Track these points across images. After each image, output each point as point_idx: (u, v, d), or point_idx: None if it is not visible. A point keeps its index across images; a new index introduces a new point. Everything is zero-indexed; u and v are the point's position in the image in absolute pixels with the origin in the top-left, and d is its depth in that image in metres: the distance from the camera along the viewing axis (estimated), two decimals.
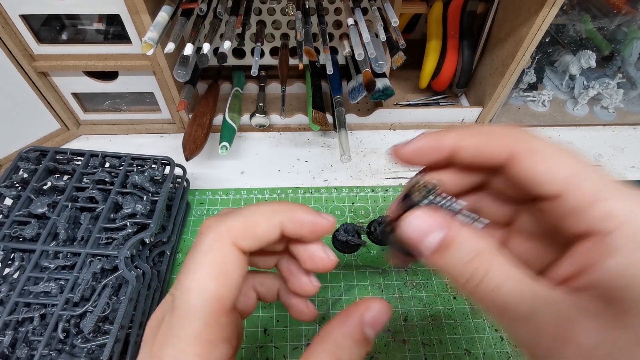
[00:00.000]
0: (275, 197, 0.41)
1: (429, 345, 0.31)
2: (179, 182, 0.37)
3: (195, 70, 0.42)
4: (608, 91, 0.49)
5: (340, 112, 0.43)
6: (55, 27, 0.38)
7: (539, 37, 0.38)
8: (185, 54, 0.33)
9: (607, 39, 0.48)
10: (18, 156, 0.33)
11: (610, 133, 0.50)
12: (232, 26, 0.35)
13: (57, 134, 0.45)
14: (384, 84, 0.41)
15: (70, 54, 0.38)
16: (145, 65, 0.39)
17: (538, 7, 0.36)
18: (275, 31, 0.45)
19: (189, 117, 0.45)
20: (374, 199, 0.41)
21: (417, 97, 0.52)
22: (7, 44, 0.36)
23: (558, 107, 0.51)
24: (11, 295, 0.26)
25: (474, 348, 0.31)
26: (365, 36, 0.35)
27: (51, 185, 0.32)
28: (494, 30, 0.45)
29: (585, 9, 0.47)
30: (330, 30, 0.45)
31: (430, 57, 0.47)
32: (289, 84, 0.50)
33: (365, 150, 0.47)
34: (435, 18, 0.46)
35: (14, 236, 0.29)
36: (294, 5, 0.37)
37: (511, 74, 0.42)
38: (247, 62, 0.47)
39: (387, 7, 0.36)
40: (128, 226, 0.30)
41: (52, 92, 0.41)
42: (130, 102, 0.45)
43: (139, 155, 0.35)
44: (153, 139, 0.47)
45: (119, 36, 0.38)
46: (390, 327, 0.32)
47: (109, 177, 0.33)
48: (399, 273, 0.35)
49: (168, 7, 0.33)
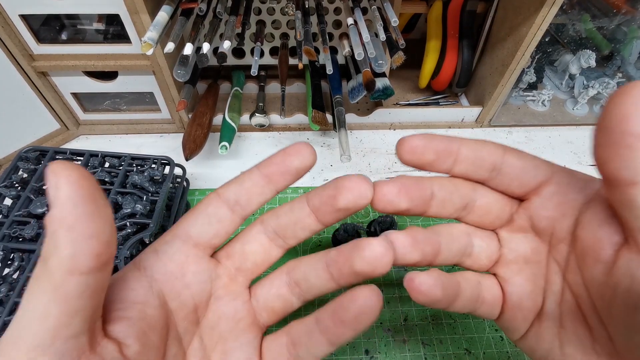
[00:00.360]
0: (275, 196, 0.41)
1: (429, 345, 0.31)
2: (179, 182, 0.37)
3: (195, 70, 0.42)
4: (608, 91, 0.49)
5: (340, 112, 0.43)
6: (55, 27, 0.38)
7: (538, 36, 0.38)
8: (184, 53, 0.33)
9: (607, 39, 0.48)
10: (17, 156, 0.33)
11: None
12: (231, 26, 0.34)
13: (57, 133, 0.45)
14: (383, 83, 0.41)
15: (69, 54, 0.38)
16: (144, 65, 0.39)
17: (538, 6, 0.36)
18: (275, 31, 0.45)
19: (188, 117, 0.45)
20: None
21: (417, 96, 0.52)
22: (7, 44, 0.36)
23: (558, 107, 0.51)
24: (11, 295, 0.26)
25: (474, 348, 0.31)
26: (365, 36, 0.35)
27: None
28: (493, 29, 0.45)
29: (585, 8, 0.47)
30: (330, 29, 0.45)
31: (430, 57, 0.47)
32: (289, 84, 0.50)
33: (365, 150, 0.47)
34: (434, 17, 0.46)
35: (14, 236, 0.29)
36: (294, 5, 0.37)
37: (511, 73, 0.42)
38: (247, 61, 0.47)
39: (387, 7, 0.36)
40: (128, 226, 0.30)
41: (51, 92, 0.41)
42: (130, 102, 0.45)
43: (138, 155, 0.35)
44: (153, 139, 0.47)
45: (119, 36, 0.38)
46: (390, 327, 0.32)
47: (108, 177, 0.33)
48: (399, 273, 0.35)
49: (168, 6, 0.33)
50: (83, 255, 0.12)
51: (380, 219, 0.36)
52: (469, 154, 0.18)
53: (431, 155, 0.18)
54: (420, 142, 0.18)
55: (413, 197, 0.18)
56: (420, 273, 0.17)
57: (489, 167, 0.18)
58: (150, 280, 0.17)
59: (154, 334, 0.16)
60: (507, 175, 0.18)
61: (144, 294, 0.16)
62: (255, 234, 0.20)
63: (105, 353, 0.14)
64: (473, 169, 0.18)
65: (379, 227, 0.36)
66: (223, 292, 0.19)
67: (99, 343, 0.14)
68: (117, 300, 0.16)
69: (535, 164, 0.18)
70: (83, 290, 0.12)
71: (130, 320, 0.15)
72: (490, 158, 0.18)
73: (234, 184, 0.19)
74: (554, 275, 0.18)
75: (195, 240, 0.18)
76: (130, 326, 0.15)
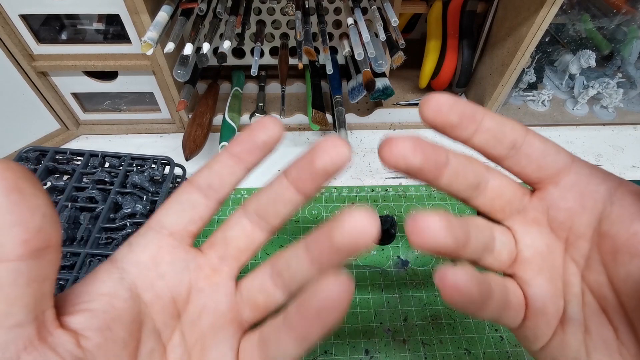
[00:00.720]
0: None
1: (429, 345, 0.31)
2: (179, 182, 0.37)
3: (195, 70, 0.42)
4: (608, 91, 0.49)
5: (340, 112, 0.43)
6: (55, 27, 0.38)
7: (538, 36, 0.38)
8: (184, 53, 0.33)
9: (607, 39, 0.48)
10: (17, 156, 0.33)
11: (610, 132, 0.50)
12: (231, 26, 0.34)
13: (57, 134, 0.45)
14: (383, 83, 0.41)
15: (69, 54, 0.38)
16: (144, 65, 0.39)
17: (538, 6, 0.36)
18: (275, 31, 0.45)
19: (188, 117, 0.45)
20: (373, 199, 0.41)
21: (417, 96, 0.52)
22: (7, 44, 0.36)
23: (558, 107, 0.51)
24: None
25: (474, 348, 0.31)
26: (365, 36, 0.35)
27: (51, 185, 0.32)
28: (493, 29, 0.45)
29: (585, 8, 0.47)
30: (330, 29, 0.45)
31: (430, 57, 0.47)
32: (289, 84, 0.50)
33: (365, 150, 0.47)
34: (434, 17, 0.46)
35: None
36: (294, 5, 0.37)
37: (511, 73, 0.42)
38: (247, 61, 0.47)
39: (387, 7, 0.36)
40: (128, 226, 0.30)
41: (51, 92, 0.41)
42: (130, 102, 0.45)
43: (138, 155, 0.35)
44: (153, 139, 0.47)
45: (119, 36, 0.38)
46: (390, 327, 0.32)
47: (108, 177, 0.33)
48: (399, 272, 0.35)
49: (168, 6, 0.33)
50: (7, 242, 0.12)
51: (380, 218, 0.36)
52: (492, 126, 0.17)
53: (455, 118, 0.17)
54: (447, 101, 0.16)
55: (428, 157, 0.16)
56: (453, 268, 0.15)
57: (509, 143, 0.17)
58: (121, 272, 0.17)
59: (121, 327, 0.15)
60: (525, 156, 0.17)
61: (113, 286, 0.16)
62: (237, 220, 0.19)
63: (58, 344, 0.13)
64: (493, 143, 0.17)
65: (379, 227, 0.36)
66: (205, 283, 0.18)
67: (50, 333, 0.13)
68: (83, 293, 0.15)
69: (556, 150, 0.17)
70: (15, 278, 0.12)
71: (93, 312, 0.15)
72: (512, 134, 0.17)
73: (204, 169, 0.18)
74: (571, 277, 0.17)
75: (170, 229, 0.18)
76: (91, 318, 0.15)
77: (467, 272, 0.15)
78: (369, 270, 0.36)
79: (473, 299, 0.15)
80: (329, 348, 0.31)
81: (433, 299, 0.34)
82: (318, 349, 0.31)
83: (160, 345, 0.17)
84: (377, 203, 0.41)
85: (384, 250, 0.37)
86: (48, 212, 0.13)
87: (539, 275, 0.18)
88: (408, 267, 0.36)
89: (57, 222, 0.13)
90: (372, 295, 0.34)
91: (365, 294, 0.34)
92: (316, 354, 0.31)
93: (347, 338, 0.31)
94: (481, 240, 0.17)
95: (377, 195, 0.42)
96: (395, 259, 0.36)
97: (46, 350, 0.13)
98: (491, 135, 0.17)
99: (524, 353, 0.31)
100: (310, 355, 0.31)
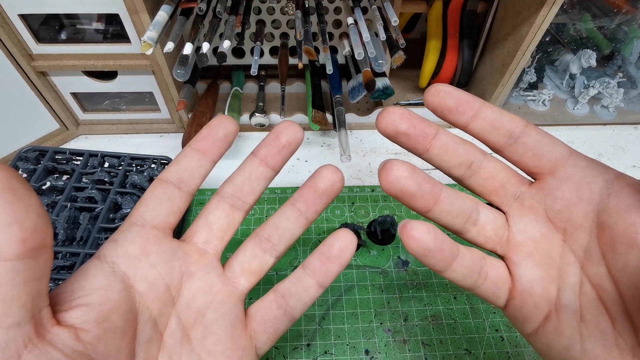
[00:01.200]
0: (275, 196, 0.41)
1: (429, 345, 0.31)
2: None
3: (195, 70, 0.42)
4: (608, 90, 0.49)
5: (340, 112, 0.43)
6: (54, 27, 0.38)
7: (539, 36, 0.38)
8: (184, 53, 0.32)
9: (608, 38, 0.48)
10: (17, 156, 0.33)
11: (611, 132, 0.50)
12: (231, 25, 0.34)
13: (56, 133, 0.45)
14: (383, 83, 0.41)
15: (69, 54, 0.38)
16: (144, 64, 0.39)
17: (538, 6, 0.36)
18: (275, 30, 0.44)
19: (188, 117, 0.45)
20: (374, 199, 0.41)
21: (417, 96, 0.51)
22: (6, 44, 0.36)
23: (558, 107, 0.51)
24: None
25: (474, 348, 0.31)
26: (365, 35, 0.35)
27: (50, 185, 0.32)
28: (494, 29, 0.45)
29: (586, 8, 0.47)
30: (330, 29, 0.45)
31: (430, 57, 0.47)
32: (289, 84, 0.50)
33: (365, 150, 0.47)
34: (435, 17, 0.46)
35: None
36: (294, 5, 0.37)
37: (511, 73, 0.42)
38: (247, 61, 0.47)
39: (387, 6, 0.36)
40: None
41: (51, 92, 0.41)
42: (130, 101, 0.45)
43: (138, 155, 0.34)
44: (152, 139, 0.47)
45: (118, 36, 0.38)
46: (390, 327, 0.32)
47: (108, 177, 0.33)
48: (399, 272, 0.35)
49: (167, 6, 0.33)
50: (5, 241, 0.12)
51: (380, 219, 0.36)
52: (490, 114, 0.18)
53: (452, 102, 0.18)
54: (445, 88, 0.18)
55: (415, 125, 0.18)
56: (415, 221, 0.17)
57: (506, 133, 0.18)
58: (112, 265, 0.17)
59: (118, 317, 0.16)
60: (523, 145, 0.18)
61: (106, 280, 0.17)
62: (216, 204, 0.21)
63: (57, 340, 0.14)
64: (490, 130, 0.18)
65: (379, 227, 0.36)
66: (194, 267, 0.20)
67: (48, 331, 0.14)
68: (76, 289, 0.16)
69: (554, 142, 0.18)
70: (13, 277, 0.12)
71: (90, 306, 0.15)
72: (510, 125, 0.18)
73: (173, 165, 0.20)
74: (569, 267, 0.17)
75: (152, 222, 0.19)
76: (88, 311, 0.15)
77: (427, 225, 0.17)
78: (369, 270, 0.35)
79: (429, 248, 0.17)
80: (329, 348, 0.31)
81: (433, 299, 0.34)
82: (318, 349, 0.31)
83: (157, 333, 0.18)
84: (377, 203, 0.41)
85: (384, 250, 0.37)
86: (42, 212, 0.13)
87: (528, 259, 0.18)
88: (408, 267, 0.36)
89: (49, 222, 0.13)
90: (372, 295, 0.34)
91: (365, 294, 0.34)
92: (316, 354, 0.31)
93: (347, 338, 0.31)
94: (458, 206, 0.18)
95: (377, 195, 0.42)
96: (395, 259, 0.36)
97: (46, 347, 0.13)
98: (488, 123, 0.18)
99: (525, 353, 0.31)
100: (310, 355, 0.30)
